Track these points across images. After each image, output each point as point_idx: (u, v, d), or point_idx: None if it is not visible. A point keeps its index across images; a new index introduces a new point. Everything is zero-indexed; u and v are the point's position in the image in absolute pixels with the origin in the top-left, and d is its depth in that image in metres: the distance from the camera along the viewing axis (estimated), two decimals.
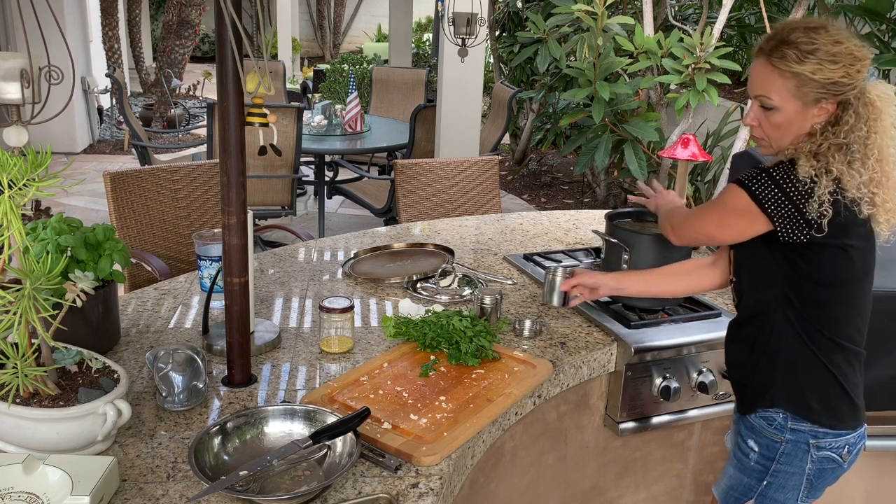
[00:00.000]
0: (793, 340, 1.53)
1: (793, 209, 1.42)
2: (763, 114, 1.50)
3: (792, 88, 1.44)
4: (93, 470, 1.19)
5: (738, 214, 1.49)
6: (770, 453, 1.57)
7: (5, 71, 1.27)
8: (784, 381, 1.55)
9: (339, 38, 16.71)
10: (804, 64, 1.41)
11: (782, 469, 1.56)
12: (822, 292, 1.50)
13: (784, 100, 1.45)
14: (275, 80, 6.88)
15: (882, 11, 5.15)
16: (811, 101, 1.44)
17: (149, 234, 2.84)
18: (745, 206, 1.47)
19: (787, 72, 1.43)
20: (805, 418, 1.53)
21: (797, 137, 1.48)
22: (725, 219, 1.54)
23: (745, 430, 1.63)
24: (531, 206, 6.65)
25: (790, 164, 1.44)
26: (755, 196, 1.45)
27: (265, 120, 1.54)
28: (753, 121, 1.53)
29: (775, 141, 1.51)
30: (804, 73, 1.41)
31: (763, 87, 1.47)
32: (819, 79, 1.41)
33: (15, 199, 1.18)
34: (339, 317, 1.76)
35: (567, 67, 4.54)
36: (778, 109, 1.46)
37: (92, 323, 1.64)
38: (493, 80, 7.91)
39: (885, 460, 2.06)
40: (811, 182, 1.41)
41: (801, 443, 1.54)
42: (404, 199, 3.33)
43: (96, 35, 9.40)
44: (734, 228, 1.53)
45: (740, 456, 1.63)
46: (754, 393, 1.60)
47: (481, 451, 1.53)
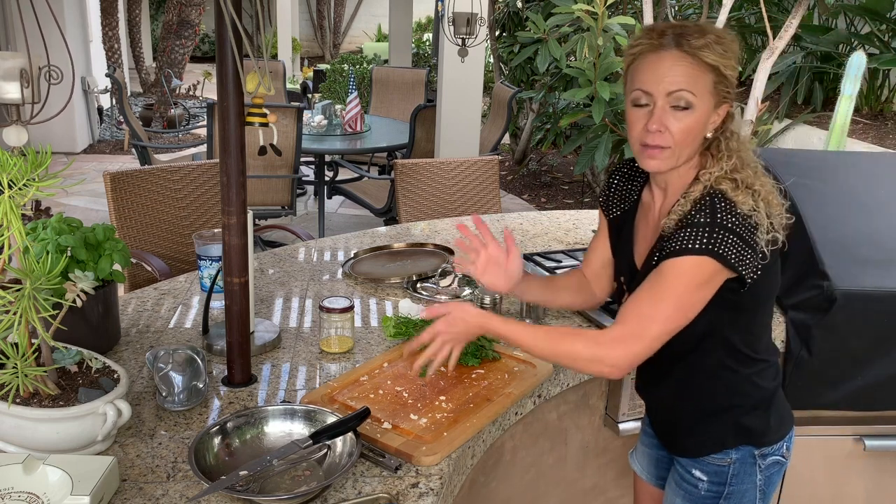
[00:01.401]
0: (726, 371, 1.43)
1: (751, 252, 1.29)
2: (673, 116, 1.30)
3: (710, 84, 1.29)
4: (93, 470, 1.19)
5: (706, 284, 1.29)
6: (720, 478, 1.48)
7: (5, 71, 1.27)
8: (726, 421, 1.46)
9: (339, 38, 16.71)
10: (725, 58, 1.28)
11: (735, 489, 1.48)
12: (752, 314, 1.41)
13: (702, 97, 1.29)
14: (275, 80, 6.88)
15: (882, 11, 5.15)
16: (718, 101, 1.31)
17: (149, 234, 2.84)
18: (713, 271, 1.28)
19: (709, 65, 1.27)
20: (749, 443, 1.47)
21: (696, 151, 1.35)
22: (692, 297, 1.29)
23: (685, 461, 1.52)
24: (531, 206, 6.65)
25: (723, 200, 1.28)
26: (726, 260, 1.26)
27: (265, 120, 1.53)
28: (661, 126, 1.30)
29: (682, 149, 1.32)
30: (721, 66, 1.28)
31: (686, 82, 1.28)
32: (729, 75, 1.30)
33: (15, 199, 1.18)
34: (339, 317, 1.76)
35: (567, 67, 4.54)
36: (694, 109, 1.29)
37: (92, 323, 1.64)
38: (493, 80, 7.91)
39: (885, 460, 2.06)
40: (754, 212, 1.29)
41: (747, 458, 1.47)
42: (404, 199, 3.33)
43: (96, 35, 9.40)
44: (701, 302, 1.30)
45: (688, 488, 1.52)
46: (696, 443, 1.49)
47: (481, 451, 1.53)
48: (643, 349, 1.31)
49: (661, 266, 1.30)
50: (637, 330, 1.30)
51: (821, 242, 1.88)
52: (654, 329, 1.29)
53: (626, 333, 1.30)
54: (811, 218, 1.91)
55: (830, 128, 3.22)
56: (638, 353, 1.31)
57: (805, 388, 1.92)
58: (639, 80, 1.33)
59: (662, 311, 1.29)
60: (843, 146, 3.21)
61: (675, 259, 1.28)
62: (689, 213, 1.31)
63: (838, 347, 1.87)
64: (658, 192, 1.46)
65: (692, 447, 1.51)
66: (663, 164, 1.35)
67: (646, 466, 1.73)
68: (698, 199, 1.32)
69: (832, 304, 1.82)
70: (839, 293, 1.82)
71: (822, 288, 1.83)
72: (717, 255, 1.26)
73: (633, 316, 1.31)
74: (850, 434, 2.01)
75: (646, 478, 1.73)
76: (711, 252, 1.26)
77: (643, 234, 1.50)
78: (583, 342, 1.33)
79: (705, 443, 1.49)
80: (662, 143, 1.32)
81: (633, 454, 1.78)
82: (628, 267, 1.52)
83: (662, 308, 1.29)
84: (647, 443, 1.72)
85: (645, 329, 1.29)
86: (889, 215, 2.07)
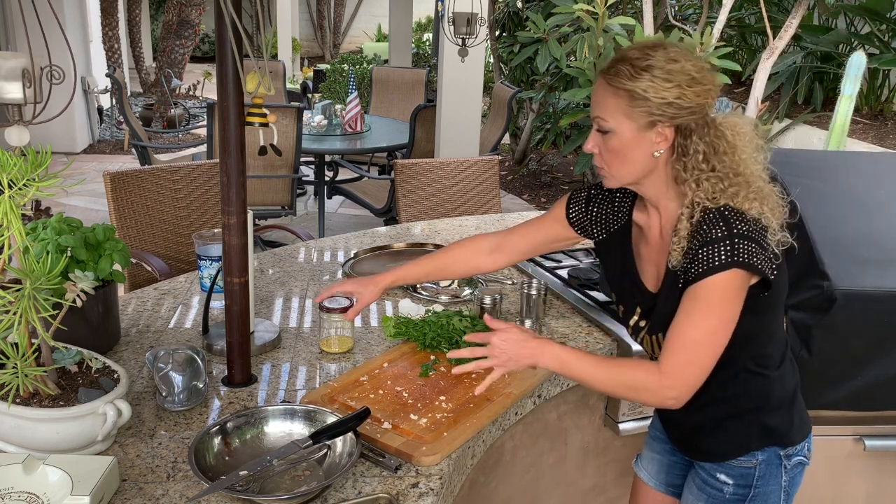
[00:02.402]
0: (750, 374, 1.44)
1: (767, 254, 1.31)
2: (601, 138, 1.38)
3: (624, 107, 1.33)
4: (93, 470, 1.19)
5: (738, 295, 1.31)
6: (746, 481, 1.47)
7: (7, 71, 1.27)
8: (750, 423, 1.46)
9: (339, 38, 16.70)
10: (636, 81, 1.30)
11: (760, 491, 1.48)
12: (770, 314, 1.42)
13: (618, 121, 1.34)
14: (275, 80, 6.87)
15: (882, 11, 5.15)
16: (645, 123, 1.33)
17: (149, 234, 2.84)
18: (743, 281, 1.30)
19: (619, 89, 1.32)
20: (774, 444, 1.47)
21: (644, 169, 1.37)
22: (731, 311, 1.31)
23: (709, 465, 1.52)
24: (531, 206, 6.65)
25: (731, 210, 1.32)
26: (753, 266, 1.29)
27: (265, 120, 1.53)
28: (594, 147, 1.40)
29: (616, 170, 1.39)
30: (636, 90, 1.30)
31: (599, 108, 1.36)
32: (651, 97, 1.30)
33: (15, 199, 1.18)
34: (339, 317, 1.76)
35: (567, 67, 4.54)
36: (614, 132, 1.35)
37: (92, 323, 1.64)
38: (493, 80, 7.91)
39: (885, 460, 2.06)
40: (760, 215, 1.32)
41: (773, 459, 1.47)
42: (404, 199, 3.33)
43: (96, 35, 9.39)
44: (738, 313, 1.32)
45: (712, 492, 1.51)
46: (721, 447, 1.49)
47: (481, 451, 1.53)
48: (701, 373, 1.33)
49: (694, 289, 1.31)
50: (691, 357, 1.32)
51: (821, 242, 1.87)
52: (705, 353, 1.32)
53: (681, 362, 1.32)
54: (811, 218, 1.91)
55: (830, 128, 3.23)
56: (698, 378, 1.33)
57: (805, 388, 1.91)
58: None
59: (708, 332, 1.31)
60: (843, 146, 3.22)
61: (704, 280, 1.29)
62: (700, 234, 1.32)
63: (838, 347, 1.87)
64: (652, 211, 1.46)
65: (717, 452, 1.49)
66: (609, 182, 1.44)
67: (654, 473, 1.70)
68: (701, 220, 1.33)
69: (832, 304, 1.82)
70: (839, 293, 1.82)
71: (822, 288, 1.83)
72: (743, 264, 1.28)
73: (681, 344, 1.32)
74: (850, 434, 2.01)
75: (654, 485, 1.71)
76: (737, 263, 1.28)
77: (647, 256, 1.49)
78: (643, 374, 1.35)
79: (730, 447, 1.47)
80: (596, 162, 1.42)
81: (639, 461, 1.76)
82: (639, 291, 1.49)
83: (707, 330, 1.31)
84: (656, 449, 1.70)
85: (697, 354, 1.32)
86: (889, 215, 2.07)
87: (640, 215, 1.50)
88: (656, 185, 1.40)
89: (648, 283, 1.48)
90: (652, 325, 1.46)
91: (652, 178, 1.39)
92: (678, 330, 1.33)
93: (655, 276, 1.46)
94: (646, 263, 1.49)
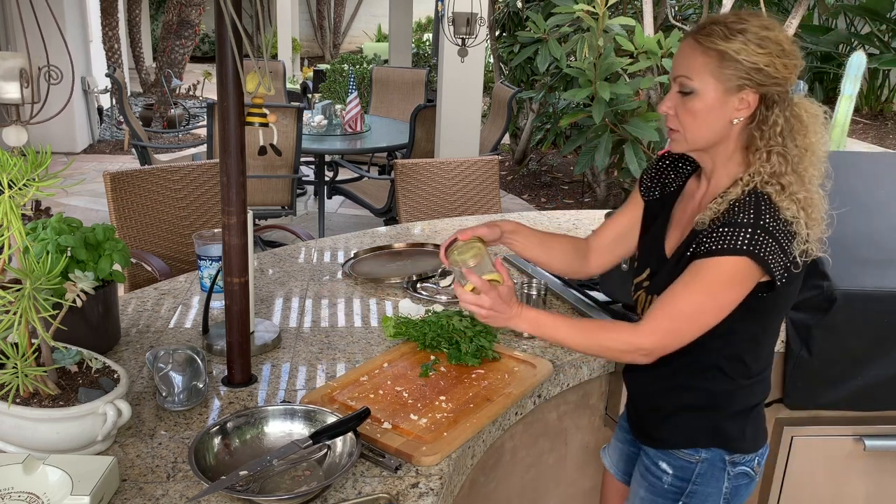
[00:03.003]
0: (720, 374, 1.42)
1: (785, 259, 1.29)
2: (681, 99, 1.34)
3: (713, 67, 1.30)
4: (93, 470, 1.19)
5: (740, 284, 1.30)
6: (685, 474, 1.48)
7: (5, 70, 1.27)
8: (703, 421, 1.46)
9: (339, 38, 16.71)
10: (730, 41, 1.28)
11: (699, 489, 1.47)
12: (766, 320, 1.40)
13: (704, 81, 1.31)
14: (275, 80, 6.88)
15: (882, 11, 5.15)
16: (733, 86, 1.30)
17: (149, 234, 2.84)
18: (750, 273, 1.29)
19: (710, 49, 1.30)
20: (721, 447, 1.47)
21: (718, 136, 1.35)
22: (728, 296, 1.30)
23: (653, 452, 1.53)
24: (531, 206, 6.65)
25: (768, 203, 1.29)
26: (765, 263, 1.27)
27: (265, 120, 1.53)
28: (670, 108, 1.36)
29: (691, 133, 1.35)
30: (728, 50, 1.28)
31: (684, 67, 1.33)
32: (743, 60, 1.28)
33: (15, 199, 1.18)
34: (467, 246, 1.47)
35: (567, 67, 4.54)
36: (697, 93, 1.32)
37: (92, 323, 1.64)
38: (493, 80, 7.91)
39: (885, 460, 2.06)
40: (794, 219, 1.29)
41: (716, 461, 1.46)
42: (404, 199, 3.33)
43: (96, 35, 9.40)
44: (734, 302, 1.31)
45: (652, 479, 1.52)
46: (669, 435, 1.49)
47: (481, 451, 1.53)
48: (676, 345, 1.35)
49: (700, 263, 1.31)
50: (672, 326, 1.34)
51: None
52: (688, 327, 1.33)
53: (662, 327, 1.34)
54: None
55: (830, 128, 3.22)
56: (669, 346, 1.35)
57: (805, 388, 1.92)
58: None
59: (698, 310, 1.32)
60: (843, 146, 3.21)
61: (714, 258, 1.29)
62: (729, 212, 1.31)
63: (838, 347, 1.87)
64: (703, 181, 1.45)
65: (664, 438, 1.51)
66: (676, 146, 1.39)
67: (615, 462, 1.73)
68: (738, 199, 1.32)
69: (832, 304, 1.82)
70: (839, 293, 1.82)
71: (822, 288, 1.83)
72: (757, 256, 1.27)
73: (668, 312, 1.34)
74: (850, 434, 2.01)
75: (614, 472, 1.73)
76: (751, 253, 1.26)
77: (678, 221, 1.49)
78: (619, 334, 1.38)
79: (678, 437, 1.48)
80: (671, 125, 1.38)
81: (606, 449, 1.78)
82: (657, 255, 1.49)
83: (698, 307, 1.31)
84: (620, 437, 1.72)
85: (678, 325, 1.33)
86: (889, 215, 2.07)
87: (694, 182, 1.50)
88: (722, 155, 1.38)
89: (668, 248, 1.48)
90: (653, 284, 1.46)
91: (721, 146, 1.37)
92: (671, 297, 1.33)
93: (676, 241, 1.46)
94: (674, 228, 1.49)
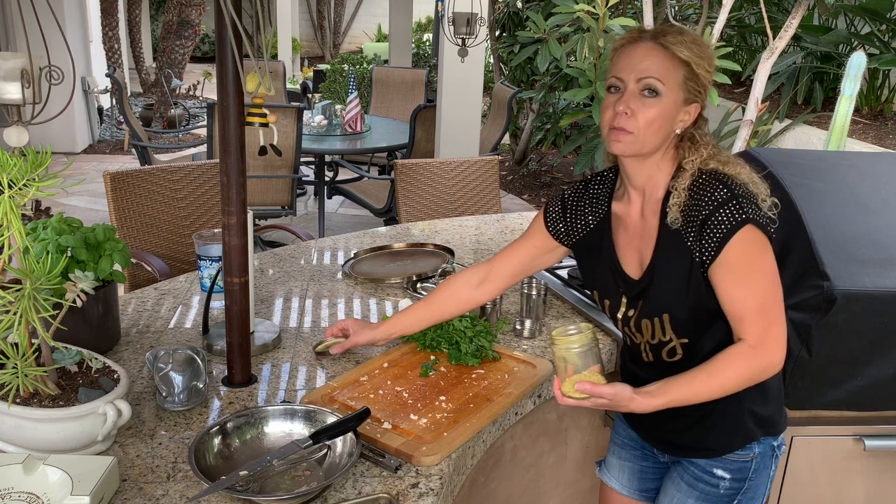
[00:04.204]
0: None
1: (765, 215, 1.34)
2: (641, 102, 1.34)
3: (681, 78, 1.34)
4: (93, 470, 1.19)
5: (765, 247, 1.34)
6: (742, 474, 1.48)
7: (6, 71, 1.27)
8: (752, 415, 1.46)
9: (339, 38, 16.71)
10: (695, 55, 1.34)
11: (753, 483, 1.48)
12: None
13: (671, 89, 1.34)
14: (275, 80, 6.88)
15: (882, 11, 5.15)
16: (686, 98, 1.36)
17: (149, 234, 2.84)
18: (757, 234, 1.33)
19: (678, 59, 1.33)
20: (770, 434, 1.48)
21: (663, 143, 1.38)
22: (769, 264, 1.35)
23: (702, 462, 1.50)
24: (531, 206, 6.65)
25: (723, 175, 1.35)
26: (759, 223, 1.32)
27: (265, 120, 1.53)
28: (627, 108, 1.35)
29: (645, 135, 1.35)
30: (692, 63, 1.33)
31: (656, 70, 1.33)
32: (701, 74, 1.35)
33: (15, 199, 1.18)
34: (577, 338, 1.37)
35: (567, 67, 4.54)
36: (660, 98, 1.34)
37: (92, 323, 1.64)
38: (493, 80, 7.91)
39: (885, 460, 2.06)
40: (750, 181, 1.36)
41: (767, 450, 1.48)
42: (404, 199, 3.33)
43: (96, 35, 9.40)
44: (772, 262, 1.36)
45: (705, 488, 1.50)
46: (722, 439, 1.47)
47: (481, 451, 1.53)
48: (783, 328, 1.36)
49: (721, 263, 1.33)
50: (765, 321, 1.34)
51: (821, 242, 1.87)
52: (773, 309, 1.34)
53: (761, 328, 1.33)
54: (811, 218, 1.91)
55: (830, 128, 3.23)
56: (783, 333, 1.36)
57: (805, 388, 1.92)
58: (615, 68, 1.39)
59: (762, 291, 1.34)
60: (843, 146, 3.21)
61: (728, 245, 1.31)
62: (701, 197, 1.34)
63: (838, 347, 1.87)
64: (635, 196, 1.46)
65: (714, 446, 1.48)
66: (627, 148, 1.37)
67: (626, 482, 1.69)
68: (692, 184, 1.36)
69: (832, 304, 1.82)
70: (839, 293, 1.81)
71: (822, 288, 1.83)
72: (752, 220, 1.31)
73: (750, 316, 1.34)
74: (850, 434, 2.01)
75: (627, 493, 1.70)
76: (746, 220, 1.30)
77: (626, 243, 1.48)
78: (740, 361, 1.34)
79: (732, 439, 1.47)
80: (627, 126, 1.35)
81: (605, 469, 1.74)
82: (623, 281, 1.48)
83: (760, 290, 1.33)
84: (625, 456, 1.69)
85: (769, 314, 1.34)
86: (889, 215, 2.07)
87: (619, 205, 1.50)
88: (655, 161, 1.41)
89: (630, 268, 1.47)
90: (647, 309, 1.44)
91: (659, 153, 1.40)
92: (737, 306, 1.34)
93: (637, 263, 1.46)
94: (625, 251, 1.49)
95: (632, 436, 1.66)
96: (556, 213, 1.60)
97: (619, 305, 1.50)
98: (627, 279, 1.47)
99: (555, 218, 1.60)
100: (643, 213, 1.44)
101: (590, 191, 1.56)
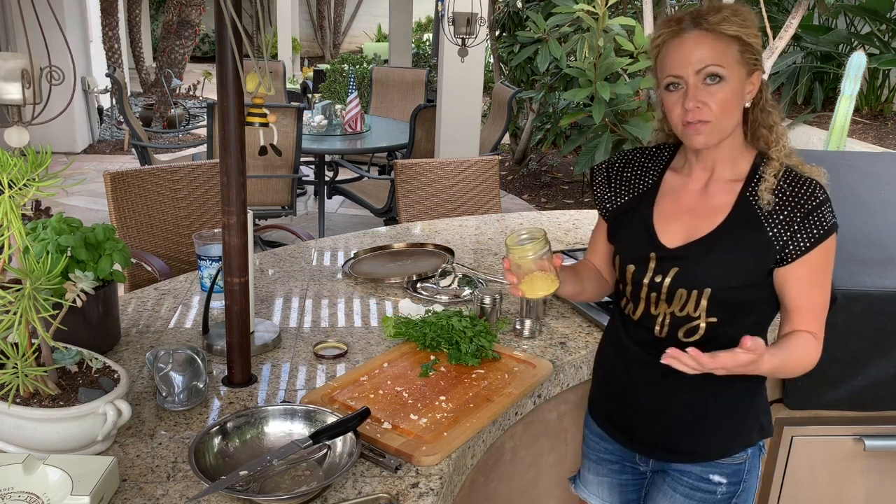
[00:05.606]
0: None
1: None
2: (707, 91, 1.32)
3: (737, 55, 1.32)
4: (93, 470, 1.19)
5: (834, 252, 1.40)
6: (737, 477, 1.47)
7: (6, 71, 1.27)
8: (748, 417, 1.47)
9: (339, 38, 16.71)
10: (742, 27, 1.31)
11: (746, 485, 1.48)
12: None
13: (732, 68, 1.31)
14: (275, 80, 6.88)
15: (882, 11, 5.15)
16: (750, 70, 1.35)
17: (149, 234, 2.84)
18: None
19: (730, 36, 1.31)
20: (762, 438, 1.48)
21: (737, 121, 1.37)
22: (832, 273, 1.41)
23: (699, 468, 1.48)
24: (531, 206, 6.65)
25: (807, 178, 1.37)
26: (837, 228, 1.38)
27: (265, 120, 1.53)
28: (698, 102, 1.32)
29: (723, 121, 1.34)
30: (742, 35, 1.31)
31: (712, 57, 1.30)
32: (753, 43, 1.33)
33: (15, 199, 1.18)
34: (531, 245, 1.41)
35: (567, 67, 4.55)
36: (725, 81, 1.31)
37: (92, 323, 1.64)
38: (493, 80, 7.91)
39: (885, 460, 2.06)
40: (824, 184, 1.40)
41: (756, 452, 1.49)
42: (404, 199, 3.33)
43: (96, 35, 9.40)
44: None
45: (702, 495, 1.48)
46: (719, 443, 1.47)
47: (481, 451, 1.53)
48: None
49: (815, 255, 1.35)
50: (823, 319, 1.41)
51: None
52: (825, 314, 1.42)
53: (822, 324, 1.41)
54: None
55: (830, 128, 3.23)
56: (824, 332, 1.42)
57: (805, 388, 1.92)
58: (668, 67, 1.35)
59: (827, 293, 1.41)
60: (843, 146, 3.22)
61: (823, 244, 1.35)
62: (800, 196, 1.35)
63: (838, 347, 1.87)
64: (701, 171, 1.43)
65: (716, 448, 1.47)
66: (710, 138, 1.35)
67: (606, 497, 1.66)
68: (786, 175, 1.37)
69: (832, 304, 1.82)
70: (839, 293, 1.82)
71: None
72: (837, 226, 1.36)
73: (821, 309, 1.40)
74: (850, 434, 2.01)
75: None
76: (835, 226, 1.36)
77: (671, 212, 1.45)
78: (814, 352, 1.40)
79: (731, 442, 1.46)
80: (703, 117, 1.32)
81: (581, 483, 1.71)
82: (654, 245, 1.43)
83: (828, 291, 1.41)
84: (602, 472, 1.65)
85: (825, 314, 1.41)
86: (889, 215, 2.07)
87: (676, 176, 1.47)
88: (739, 138, 1.40)
89: (666, 239, 1.43)
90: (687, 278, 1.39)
91: (737, 131, 1.40)
92: (813, 297, 1.38)
93: (682, 234, 1.41)
94: (668, 221, 1.44)
95: (606, 448, 1.62)
96: (603, 186, 1.57)
97: (646, 270, 1.44)
98: (660, 246, 1.43)
99: (604, 190, 1.56)
100: (707, 189, 1.42)
101: (644, 160, 1.53)
